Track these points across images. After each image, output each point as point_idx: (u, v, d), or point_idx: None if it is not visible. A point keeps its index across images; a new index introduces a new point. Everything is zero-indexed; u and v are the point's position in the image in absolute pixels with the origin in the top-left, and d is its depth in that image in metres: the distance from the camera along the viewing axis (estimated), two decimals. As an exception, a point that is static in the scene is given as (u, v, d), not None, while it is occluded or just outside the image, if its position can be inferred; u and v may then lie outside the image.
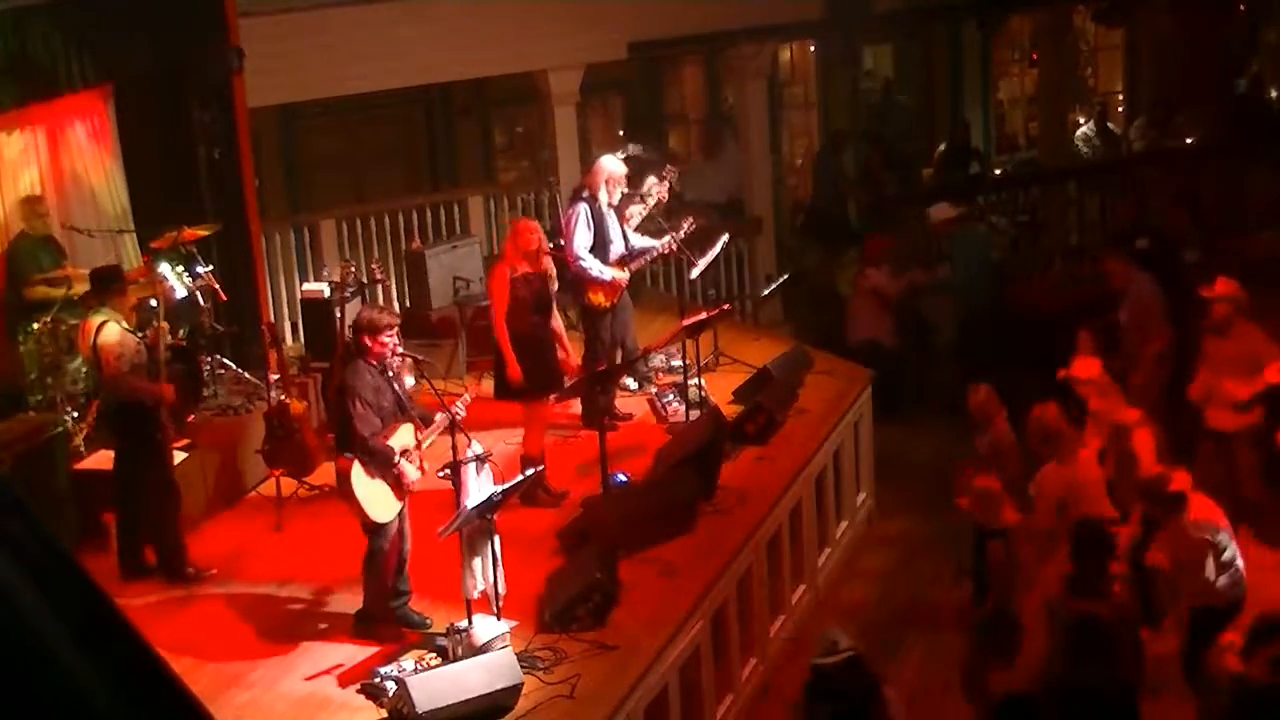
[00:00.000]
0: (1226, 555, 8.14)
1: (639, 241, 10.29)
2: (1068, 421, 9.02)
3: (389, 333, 7.56)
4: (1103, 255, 12.01)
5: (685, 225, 10.38)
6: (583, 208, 10.00)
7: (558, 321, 9.44)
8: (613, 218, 10.12)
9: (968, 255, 13.05)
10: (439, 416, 7.52)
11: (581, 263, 9.92)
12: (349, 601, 7.91)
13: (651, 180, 11.06)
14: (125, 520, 8.42)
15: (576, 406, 10.14)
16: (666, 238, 10.28)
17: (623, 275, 10.06)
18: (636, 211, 10.66)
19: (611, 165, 10.11)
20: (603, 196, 10.01)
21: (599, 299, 10.03)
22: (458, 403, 7.56)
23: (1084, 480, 8.76)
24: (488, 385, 9.88)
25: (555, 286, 9.38)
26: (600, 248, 9.99)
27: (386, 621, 7.62)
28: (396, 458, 7.40)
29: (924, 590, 10.06)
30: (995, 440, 9.53)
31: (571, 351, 9.51)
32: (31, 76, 9.01)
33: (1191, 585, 8.11)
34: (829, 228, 16.13)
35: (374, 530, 7.49)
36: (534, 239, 9.14)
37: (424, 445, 7.60)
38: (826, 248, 16.14)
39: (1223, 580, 8.08)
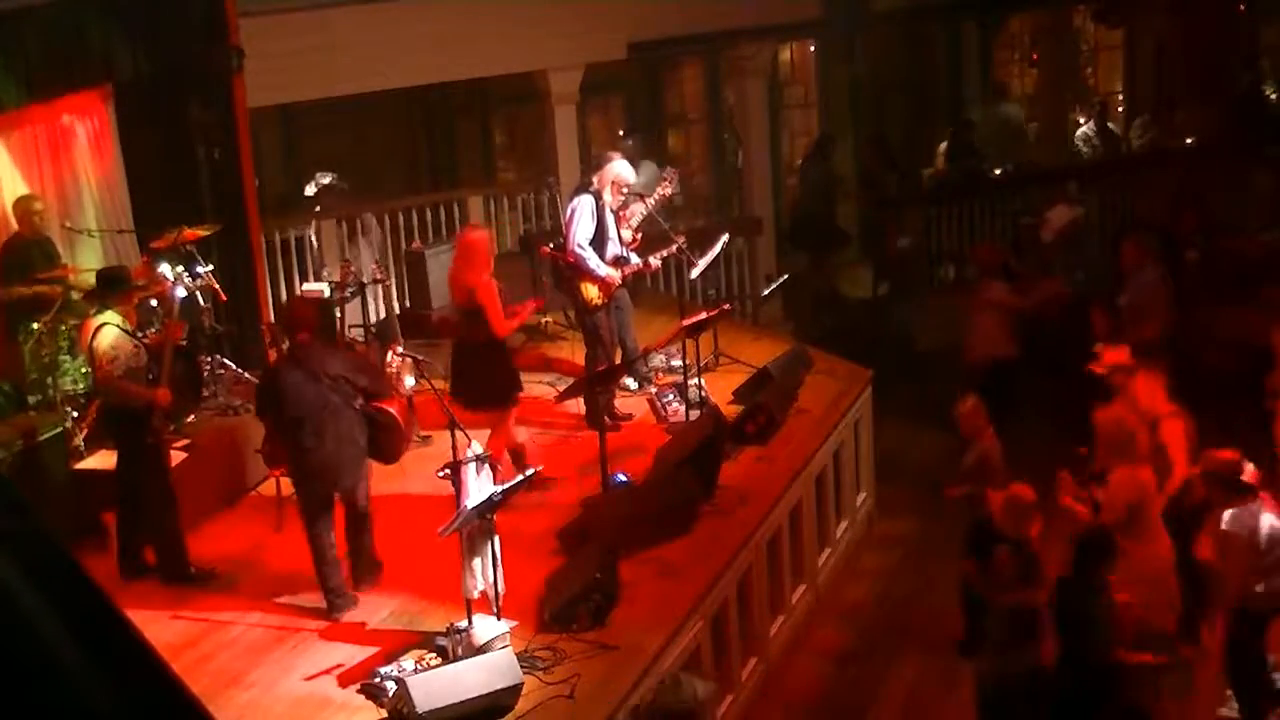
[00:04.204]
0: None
1: (631, 255, 10.30)
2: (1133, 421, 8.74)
3: None
4: (1123, 237, 11.69)
5: (670, 249, 10.42)
6: (588, 200, 10.02)
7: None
8: (612, 219, 10.13)
9: (1086, 258, 12.37)
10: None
11: (581, 253, 9.94)
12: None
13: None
14: (125, 520, 8.42)
15: (578, 406, 10.14)
16: (651, 256, 10.32)
17: (616, 275, 10.08)
18: (638, 210, 10.68)
19: (620, 168, 10.11)
20: (607, 195, 10.04)
21: (592, 294, 10.03)
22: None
23: (1151, 486, 8.50)
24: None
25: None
26: (599, 244, 10.02)
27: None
28: None
29: (924, 590, 10.07)
30: (983, 455, 9.29)
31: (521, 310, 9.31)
32: (31, 76, 9.00)
33: (1234, 582, 7.93)
34: (817, 231, 16.15)
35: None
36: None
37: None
38: (815, 250, 16.15)
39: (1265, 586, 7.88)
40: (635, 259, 10.26)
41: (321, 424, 7.74)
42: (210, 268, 10.16)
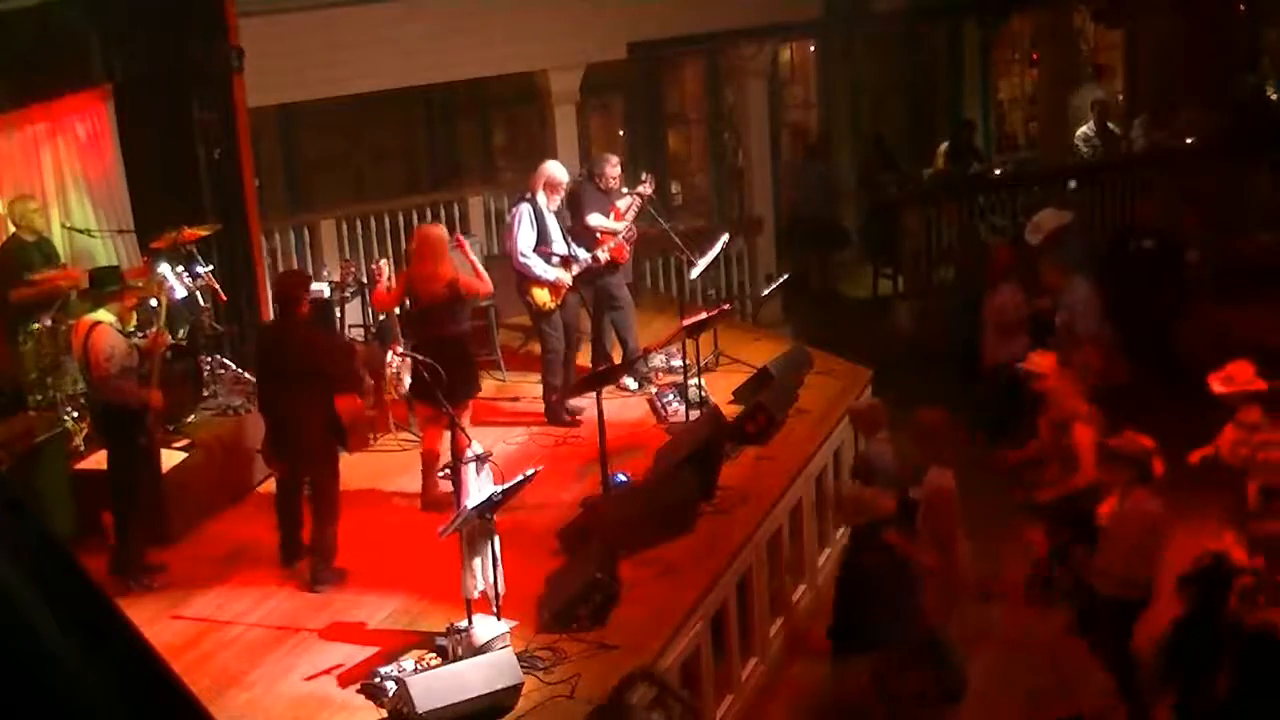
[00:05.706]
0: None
1: (578, 252, 10.30)
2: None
3: None
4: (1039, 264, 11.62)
5: (622, 235, 10.48)
6: (525, 208, 10.18)
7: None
8: (553, 220, 10.21)
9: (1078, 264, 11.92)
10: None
11: (524, 260, 10.04)
12: (350, 601, 7.93)
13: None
14: (121, 520, 8.40)
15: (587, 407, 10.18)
16: (600, 250, 10.34)
17: (566, 276, 10.13)
18: (628, 204, 10.74)
19: (552, 170, 10.27)
20: (541, 199, 10.12)
21: (542, 298, 10.12)
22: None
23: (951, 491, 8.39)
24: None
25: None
26: (543, 248, 10.09)
27: None
28: None
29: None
30: (868, 455, 9.11)
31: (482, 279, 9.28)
32: (31, 76, 9.00)
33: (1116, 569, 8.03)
34: (816, 231, 16.13)
35: None
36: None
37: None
38: (815, 251, 16.12)
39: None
40: (584, 255, 10.28)
41: (284, 391, 8.12)
42: (210, 268, 10.16)
